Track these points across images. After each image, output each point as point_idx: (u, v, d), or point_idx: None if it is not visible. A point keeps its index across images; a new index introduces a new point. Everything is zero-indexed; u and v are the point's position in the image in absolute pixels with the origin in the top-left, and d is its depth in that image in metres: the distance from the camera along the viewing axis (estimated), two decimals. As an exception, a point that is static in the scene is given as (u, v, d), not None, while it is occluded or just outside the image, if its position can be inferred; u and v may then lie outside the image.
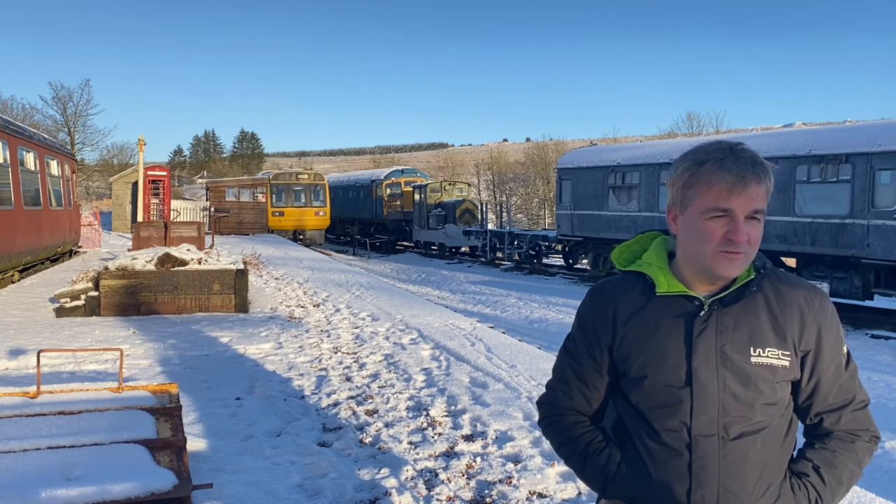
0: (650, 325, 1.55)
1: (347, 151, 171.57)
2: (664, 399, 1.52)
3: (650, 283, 1.58)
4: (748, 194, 1.45)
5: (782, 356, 1.51)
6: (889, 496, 3.82)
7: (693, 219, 1.49)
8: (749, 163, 1.46)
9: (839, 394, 1.57)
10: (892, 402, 7.98)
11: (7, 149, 11.64)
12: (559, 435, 1.69)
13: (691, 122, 48.96)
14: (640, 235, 1.71)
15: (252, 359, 6.99)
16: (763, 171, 1.47)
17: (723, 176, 1.45)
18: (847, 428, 1.57)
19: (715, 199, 1.46)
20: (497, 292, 16.81)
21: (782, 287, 1.55)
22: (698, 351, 1.50)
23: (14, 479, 2.46)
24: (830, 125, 17.86)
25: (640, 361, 1.55)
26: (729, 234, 1.45)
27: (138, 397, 3.41)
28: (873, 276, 12.94)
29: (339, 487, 3.85)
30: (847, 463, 1.55)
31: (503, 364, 6.61)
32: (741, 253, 1.46)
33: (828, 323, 1.55)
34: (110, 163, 53.39)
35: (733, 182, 1.44)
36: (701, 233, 1.48)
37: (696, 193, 1.49)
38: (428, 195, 29.42)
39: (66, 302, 9.14)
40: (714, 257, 1.47)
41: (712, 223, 1.46)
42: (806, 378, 1.55)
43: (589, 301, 1.68)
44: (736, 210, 1.45)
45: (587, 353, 1.65)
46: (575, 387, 1.67)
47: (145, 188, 23.14)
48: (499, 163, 63.16)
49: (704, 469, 1.49)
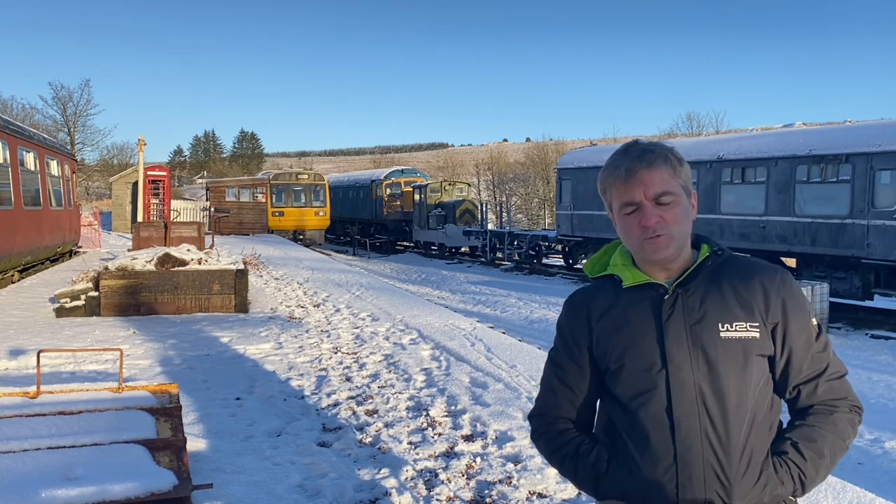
0: (622, 317, 1.62)
1: (347, 151, 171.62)
2: (643, 384, 1.56)
3: (618, 282, 1.66)
4: (642, 181, 1.54)
5: (750, 328, 1.55)
6: (889, 496, 3.81)
7: (616, 218, 1.62)
8: (636, 154, 1.57)
9: (812, 363, 1.59)
10: (892, 402, 7.98)
11: (7, 149, 11.64)
12: (550, 443, 1.73)
13: (691, 122, 48.99)
14: (607, 246, 1.80)
15: (252, 359, 6.99)
16: (653, 156, 1.56)
17: (616, 173, 1.58)
18: (824, 398, 1.60)
19: (619, 195, 1.58)
20: (497, 292, 16.81)
21: (741, 266, 1.62)
22: (669, 333, 1.56)
23: (14, 479, 2.46)
24: (830, 125, 17.84)
25: (617, 353, 1.61)
26: (641, 221, 1.55)
27: (138, 397, 3.41)
28: (873, 277, 12.95)
29: (339, 487, 3.85)
30: (827, 436, 1.57)
31: (503, 364, 6.61)
32: (661, 235, 1.54)
33: (792, 296, 1.59)
34: (110, 163, 53.42)
35: (625, 176, 1.56)
36: (623, 228, 1.60)
37: (610, 196, 1.62)
38: (428, 195, 29.42)
39: (66, 302, 9.15)
40: (641, 246, 1.57)
41: (628, 218, 1.57)
42: (779, 351, 1.58)
43: (564, 310, 1.77)
44: (638, 199, 1.55)
45: (569, 357, 1.71)
46: (561, 393, 1.73)
47: (145, 188, 23.16)
48: (499, 163, 63.17)
49: (689, 449, 1.52)
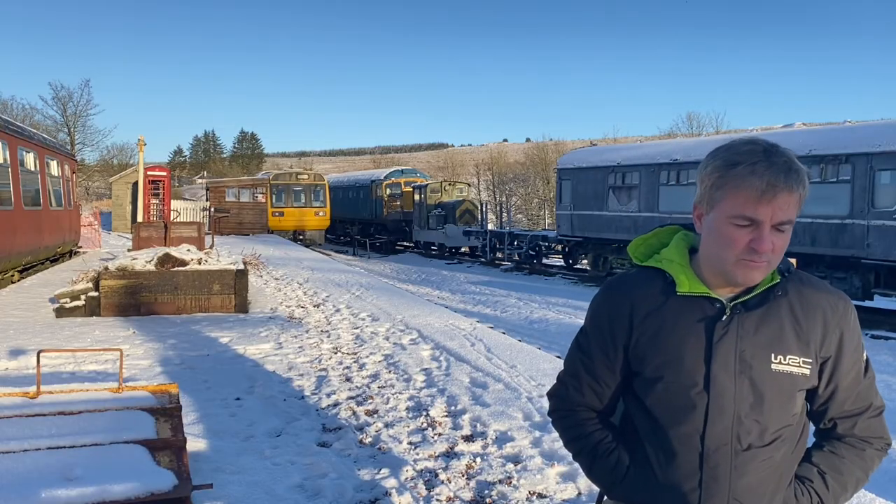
0: (669, 326, 1.49)
1: (347, 152, 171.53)
2: (679, 403, 1.47)
3: (670, 281, 1.52)
4: (777, 204, 1.37)
5: (803, 364, 1.46)
6: (889, 496, 3.81)
7: (718, 222, 1.43)
8: (782, 170, 1.37)
9: (856, 401, 1.53)
10: (893, 402, 7.97)
11: (7, 149, 11.64)
12: (568, 431, 1.66)
13: (691, 123, 49.04)
14: (659, 229, 1.65)
15: (252, 359, 6.99)
16: (797, 178, 1.38)
17: (752, 182, 1.37)
18: (861, 435, 1.53)
19: (742, 206, 1.39)
20: (497, 292, 16.81)
21: (806, 291, 1.50)
22: (718, 356, 1.44)
23: (14, 480, 2.46)
24: (830, 125, 17.86)
25: (657, 362, 1.49)
26: (753, 242, 1.39)
27: (138, 397, 3.41)
28: (873, 277, 12.94)
29: (339, 488, 3.85)
30: (854, 470, 1.52)
31: (503, 364, 6.61)
32: (764, 262, 1.41)
33: (850, 329, 1.50)
34: (110, 163, 53.34)
35: (763, 190, 1.36)
36: (725, 237, 1.42)
37: (723, 196, 1.42)
38: (428, 195, 29.42)
39: (66, 302, 9.14)
40: (735, 264, 1.42)
41: (737, 230, 1.40)
42: (824, 384, 1.51)
43: (604, 296, 1.61)
44: (762, 220, 1.38)
45: (600, 350, 1.59)
46: (586, 383, 1.62)
47: (145, 188, 23.14)
48: (499, 163, 63.14)
49: (716, 480, 1.45)
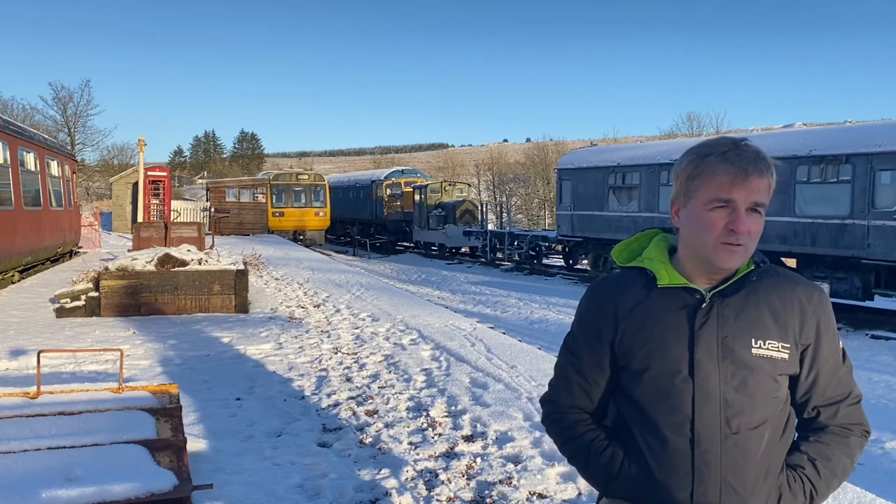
0: (652, 317, 1.56)
1: (348, 152, 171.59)
2: (666, 391, 1.53)
3: (651, 277, 1.60)
4: (750, 186, 1.48)
5: (782, 349, 1.53)
6: (889, 496, 3.81)
7: (696, 210, 1.53)
8: (752, 156, 1.50)
9: (836, 388, 1.59)
10: (893, 402, 7.98)
11: (7, 149, 11.64)
12: (561, 434, 1.70)
13: (691, 123, 49.11)
14: (640, 234, 1.74)
15: (252, 359, 6.99)
16: (765, 165, 1.51)
17: (725, 168, 1.48)
18: (843, 422, 1.60)
19: (717, 189, 1.49)
20: (497, 293, 16.81)
21: (781, 282, 1.58)
22: (700, 342, 1.51)
23: (14, 480, 2.46)
24: (830, 125, 17.88)
25: (643, 353, 1.56)
26: (730, 224, 1.48)
27: (138, 398, 3.41)
28: (873, 277, 12.94)
29: (339, 488, 3.85)
30: (841, 457, 1.58)
31: (503, 364, 6.61)
32: (741, 245, 1.49)
33: (826, 318, 1.58)
34: (110, 163, 53.38)
35: (735, 174, 1.48)
36: (703, 223, 1.51)
37: (699, 185, 1.52)
38: (428, 196, 29.42)
39: (66, 302, 9.14)
40: (715, 248, 1.50)
41: (714, 214, 1.49)
42: (805, 372, 1.57)
43: (589, 297, 1.69)
44: (738, 201, 1.48)
45: (587, 348, 1.65)
46: (576, 383, 1.68)
47: (145, 188, 23.17)
48: (499, 163, 63.20)
49: (707, 465, 1.50)
